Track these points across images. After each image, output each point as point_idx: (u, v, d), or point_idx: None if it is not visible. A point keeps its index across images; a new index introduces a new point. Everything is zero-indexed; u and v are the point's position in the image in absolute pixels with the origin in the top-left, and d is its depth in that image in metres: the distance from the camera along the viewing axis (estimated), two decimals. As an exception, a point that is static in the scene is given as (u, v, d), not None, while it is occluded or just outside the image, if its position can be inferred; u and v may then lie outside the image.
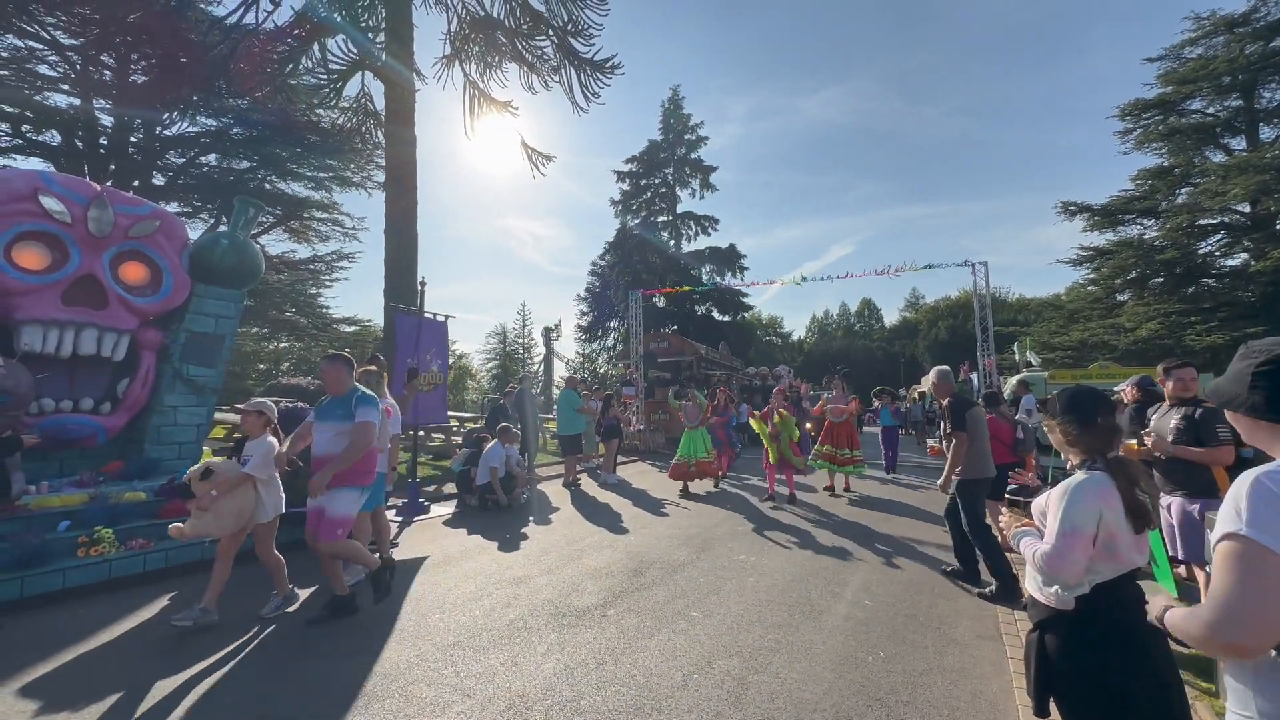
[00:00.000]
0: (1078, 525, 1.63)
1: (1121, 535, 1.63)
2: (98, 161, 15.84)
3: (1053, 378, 15.87)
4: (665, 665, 3.26)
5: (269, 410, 4.18)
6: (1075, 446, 1.81)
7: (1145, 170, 22.46)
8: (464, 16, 14.50)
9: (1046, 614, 1.73)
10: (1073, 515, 1.65)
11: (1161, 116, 22.11)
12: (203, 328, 6.43)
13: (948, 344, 51.31)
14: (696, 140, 36.35)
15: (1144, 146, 22.69)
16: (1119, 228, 23.11)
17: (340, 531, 3.84)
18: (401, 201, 12.88)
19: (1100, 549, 1.63)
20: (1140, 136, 22.62)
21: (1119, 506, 1.64)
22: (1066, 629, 1.68)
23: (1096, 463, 1.74)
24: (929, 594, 4.46)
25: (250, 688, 3.00)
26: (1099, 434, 1.77)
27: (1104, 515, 1.63)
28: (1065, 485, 1.73)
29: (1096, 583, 1.65)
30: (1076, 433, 1.80)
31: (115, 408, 5.84)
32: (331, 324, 23.29)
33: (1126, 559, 1.65)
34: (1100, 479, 1.69)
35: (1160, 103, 21.86)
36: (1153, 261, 21.46)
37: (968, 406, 4.70)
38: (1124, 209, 22.72)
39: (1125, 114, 22.65)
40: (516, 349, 54.81)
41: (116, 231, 5.81)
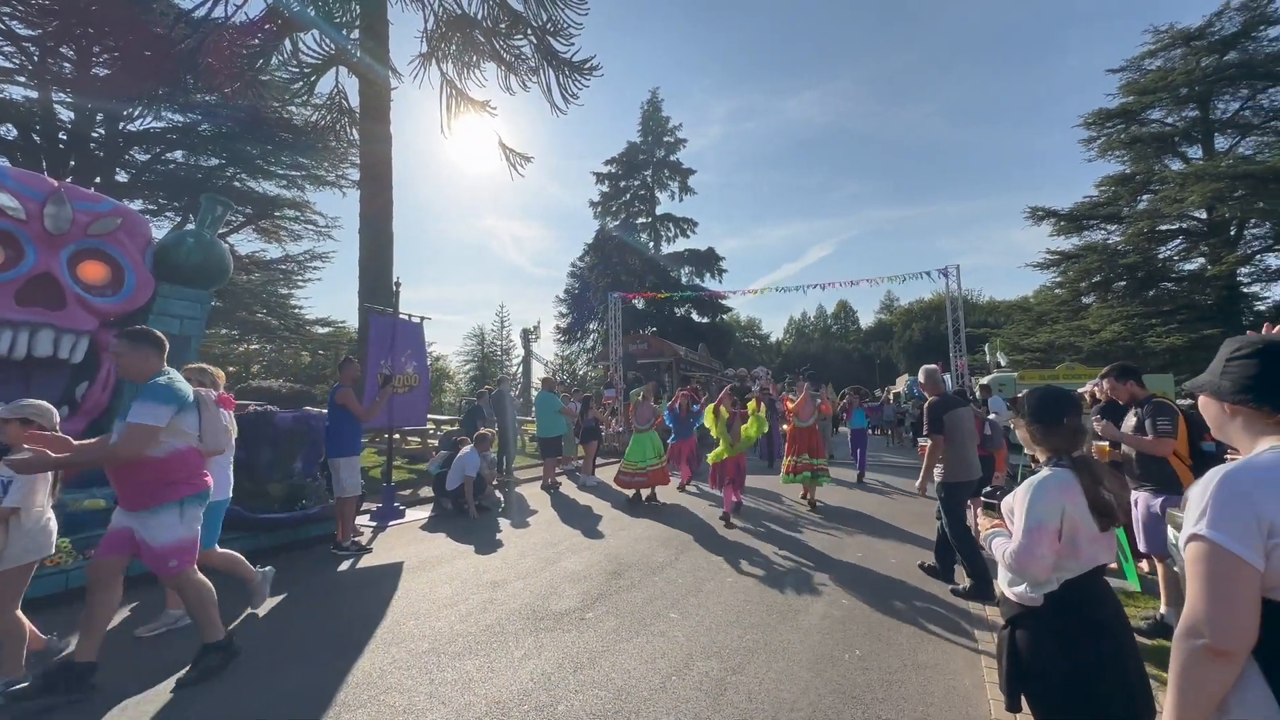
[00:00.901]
0: (1042, 520, 1.67)
1: (1084, 531, 1.67)
2: (57, 156, 15.27)
3: (1022, 378, 16.27)
4: (643, 668, 3.24)
5: (43, 416, 3.08)
6: (1041, 445, 1.86)
7: (1109, 177, 23.22)
8: (441, 14, 14.34)
9: (1017, 610, 1.77)
10: (1037, 510, 1.69)
11: (1123, 125, 22.89)
12: (167, 329, 6.21)
13: (922, 345, 52.33)
14: (676, 143, 36.53)
15: (1107, 154, 23.46)
16: (1084, 232, 23.85)
17: (175, 563, 3.07)
18: (376, 201, 12.68)
19: (1065, 544, 1.67)
20: (1104, 144, 23.39)
21: (1082, 502, 1.68)
22: (1036, 625, 1.71)
23: (1061, 460, 1.78)
24: (904, 591, 4.52)
25: (220, 698, 2.91)
26: (1064, 434, 1.81)
27: (1066, 510, 1.67)
28: (1029, 482, 1.77)
29: (1065, 579, 1.68)
30: (1041, 433, 1.84)
31: (74, 412, 5.61)
32: (304, 325, 22.77)
33: (1091, 555, 1.68)
34: (1063, 475, 1.73)
35: (1122, 112, 22.63)
36: (1116, 265, 22.18)
37: (948, 408, 4.68)
38: (1089, 214, 23.45)
39: (1090, 122, 23.39)
40: (495, 351, 54.34)
41: (75, 229, 5.60)
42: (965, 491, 4.64)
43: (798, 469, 7.79)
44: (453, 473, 7.52)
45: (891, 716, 2.79)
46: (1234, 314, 20.15)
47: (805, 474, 7.76)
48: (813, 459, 7.78)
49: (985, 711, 2.81)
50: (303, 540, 5.83)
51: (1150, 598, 4.07)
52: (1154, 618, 3.68)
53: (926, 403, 4.82)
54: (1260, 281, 20.90)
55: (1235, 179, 18.33)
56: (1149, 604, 4.01)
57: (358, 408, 5.72)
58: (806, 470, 7.76)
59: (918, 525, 6.75)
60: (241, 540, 5.36)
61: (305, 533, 5.85)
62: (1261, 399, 1.14)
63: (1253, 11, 19.72)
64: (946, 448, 4.62)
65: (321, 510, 5.69)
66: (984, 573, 4.32)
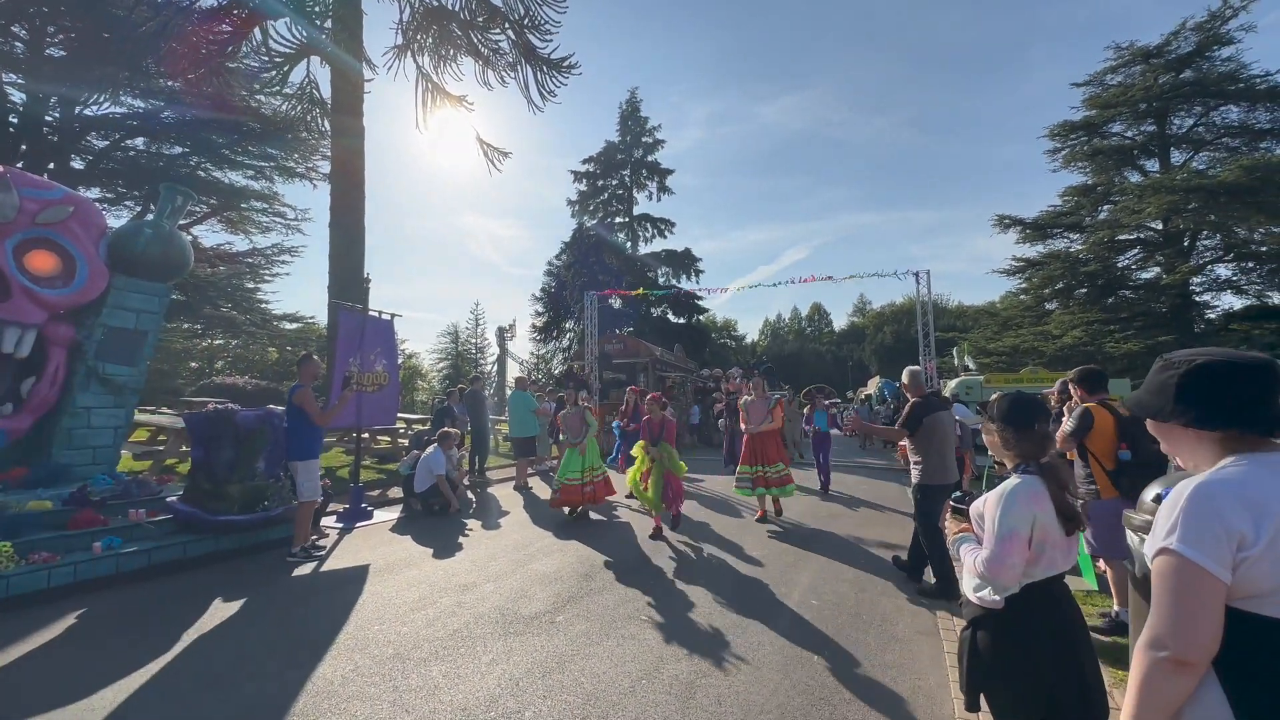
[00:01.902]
0: (1014, 528, 1.69)
1: (1052, 537, 1.69)
2: (6, 141, 14.57)
3: (988, 381, 16.71)
4: (613, 671, 3.22)
5: None
6: (1010, 451, 1.87)
7: (1071, 188, 24.02)
8: (417, 6, 14.09)
9: (979, 612, 1.79)
10: (1009, 519, 1.70)
11: (1086, 138, 23.68)
12: (122, 323, 5.98)
13: (893, 348, 53.42)
14: (654, 143, 36.56)
15: (1071, 165, 24.26)
16: (1048, 240, 24.62)
17: None
18: (348, 195, 12.40)
19: (1034, 551, 1.70)
20: (1067, 155, 24.17)
21: (1050, 509, 1.70)
22: (997, 627, 1.74)
23: (1029, 467, 1.80)
24: (872, 592, 4.58)
25: (171, 710, 2.79)
26: (1034, 440, 1.82)
27: (1037, 518, 1.69)
28: (1000, 490, 1.79)
29: (1026, 583, 1.71)
30: (1013, 438, 1.85)
31: (18, 408, 5.36)
32: (271, 320, 22.20)
33: (1052, 561, 1.71)
34: (1032, 483, 1.75)
35: (1085, 125, 23.41)
36: (1077, 273, 22.94)
37: (929, 410, 4.69)
38: (1052, 223, 24.21)
39: (1054, 134, 24.14)
40: (470, 349, 53.71)
41: (22, 217, 5.34)
42: (942, 494, 4.66)
43: (754, 481, 6.82)
44: (419, 474, 7.38)
45: (859, 717, 2.81)
46: (1186, 321, 21.00)
47: (761, 488, 6.78)
48: (769, 467, 6.80)
49: (949, 711, 2.85)
50: (265, 543, 5.65)
51: (1106, 596, 4.20)
52: (1111, 616, 3.80)
53: (910, 402, 4.86)
54: (1211, 291, 21.84)
55: (1189, 192, 19.10)
56: (1105, 602, 4.14)
57: (315, 410, 5.51)
58: (763, 483, 6.78)
59: (888, 531, 6.86)
60: (200, 544, 5.18)
61: (267, 535, 5.67)
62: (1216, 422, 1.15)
63: (1207, 33, 20.59)
64: (925, 450, 4.65)
65: (284, 512, 5.52)
66: (950, 573, 4.39)
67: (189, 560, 5.07)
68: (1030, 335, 23.91)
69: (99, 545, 4.62)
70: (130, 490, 5.55)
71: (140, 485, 5.75)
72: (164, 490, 5.86)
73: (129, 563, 4.70)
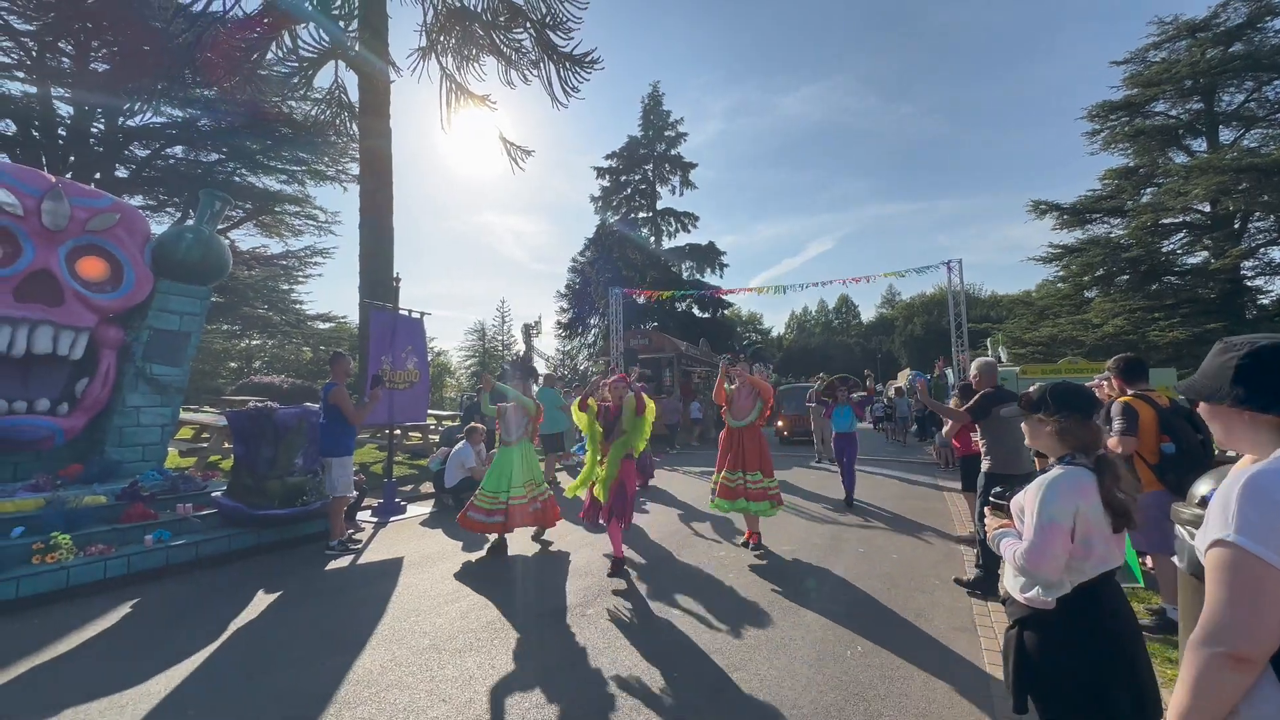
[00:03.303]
0: (1055, 518, 1.63)
1: (1098, 531, 1.63)
2: (56, 152, 15.22)
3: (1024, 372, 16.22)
4: (642, 665, 3.23)
5: None
6: (1062, 441, 1.78)
7: (1112, 170, 23.07)
8: (440, 8, 14.25)
9: (1025, 612, 1.74)
10: (1049, 508, 1.65)
11: (1127, 118, 22.71)
12: (166, 325, 6.22)
13: (923, 340, 52.25)
14: (676, 137, 36.32)
15: (1111, 147, 23.29)
16: (1087, 226, 23.71)
17: None
18: (376, 195, 12.64)
19: (1078, 544, 1.64)
20: (1107, 138, 23.21)
21: (1097, 503, 1.64)
22: (1046, 628, 1.68)
23: (1076, 458, 1.73)
24: (905, 587, 4.51)
25: (219, 696, 2.90)
26: (1090, 431, 1.75)
27: (1080, 509, 1.63)
28: (1041, 480, 1.73)
29: (1078, 582, 1.65)
30: (1076, 426, 1.76)
31: (73, 408, 5.61)
32: (305, 320, 22.80)
33: (1104, 556, 1.65)
34: (1078, 473, 1.68)
35: (1126, 105, 22.45)
36: (1119, 259, 22.06)
37: (1002, 400, 4.56)
38: (1091, 208, 23.31)
39: (1093, 115, 23.21)
40: (496, 346, 54.36)
41: (73, 225, 5.58)
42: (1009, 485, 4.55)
43: (733, 491, 5.45)
44: (450, 469, 7.51)
45: (894, 714, 2.77)
46: (1237, 308, 20.05)
47: (741, 500, 5.40)
48: (748, 474, 5.44)
49: (989, 709, 2.79)
50: (303, 536, 5.83)
51: (1153, 592, 4.06)
52: (1159, 612, 3.67)
53: (980, 391, 4.72)
54: (1264, 275, 20.78)
55: (1239, 172, 18.19)
56: (1152, 599, 4.00)
57: (349, 408, 5.66)
58: (743, 496, 5.40)
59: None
60: (243, 537, 5.37)
61: (305, 529, 5.85)
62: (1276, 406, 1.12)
63: (1258, 3, 19.53)
64: (996, 439, 4.53)
65: (322, 506, 5.68)
66: (995, 567, 4.30)
67: (233, 553, 5.26)
68: (1068, 324, 23.10)
69: (150, 538, 4.83)
70: (178, 486, 5.78)
71: (186, 481, 5.98)
72: (208, 486, 6.09)
73: (178, 555, 4.90)
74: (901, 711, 2.79)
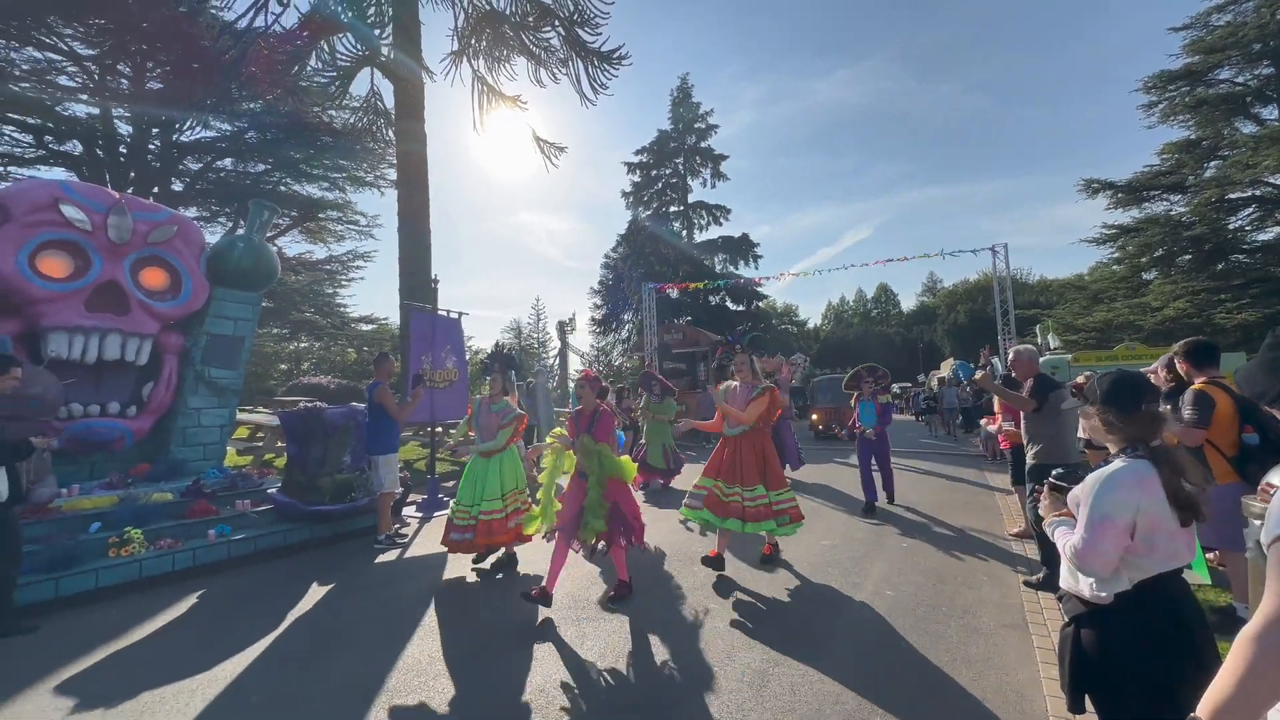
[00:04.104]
0: (1109, 514, 1.56)
1: (1163, 528, 1.54)
2: (118, 169, 16.14)
3: (1076, 360, 15.53)
4: (684, 658, 3.25)
5: None
6: (1115, 434, 1.71)
7: (1171, 144, 21.75)
8: (470, 11, 14.46)
9: (1083, 608, 1.67)
10: (1104, 504, 1.58)
11: (1188, 88, 21.35)
12: (222, 330, 6.53)
13: (967, 328, 50.51)
14: (707, 129, 35.99)
15: (1170, 119, 21.94)
16: (1144, 204, 22.44)
17: None
18: (414, 199, 12.94)
19: (1140, 541, 1.56)
20: (1166, 109, 21.88)
21: (1160, 496, 1.55)
22: (1106, 626, 1.61)
23: (1137, 450, 1.64)
24: (952, 583, 4.39)
25: (280, 683, 3.06)
26: (1142, 421, 1.66)
27: (1142, 505, 1.55)
28: (1098, 474, 1.65)
29: (1139, 579, 1.57)
30: (1117, 420, 1.69)
31: (140, 411, 5.96)
32: (349, 323, 23.60)
33: (1170, 553, 1.56)
34: (1139, 467, 1.60)
35: (1186, 73, 21.10)
36: (1180, 238, 20.83)
37: (1053, 386, 4.42)
38: (1149, 185, 22.04)
39: (1150, 86, 21.91)
40: (532, 343, 55.13)
41: (136, 238, 5.91)
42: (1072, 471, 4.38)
43: (724, 508, 4.42)
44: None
45: (941, 710, 2.71)
46: (1314, 286, 18.69)
47: (734, 520, 4.38)
48: (745, 489, 4.45)
49: (1041, 709, 2.70)
50: (352, 531, 6.06)
51: (1222, 590, 3.85)
52: (1227, 611, 3.48)
53: (1031, 379, 4.53)
54: (1344, 250, 19.31)
55: (1316, 140, 16.92)
56: (1220, 597, 3.79)
57: (394, 407, 5.83)
58: (738, 515, 4.38)
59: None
60: (297, 531, 5.61)
61: (354, 524, 6.07)
62: None
63: (1336, -45, 18.06)
64: (1045, 428, 4.36)
65: (370, 502, 5.89)
66: (1057, 563, 4.13)
67: (288, 547, 5.51)
68: (1125, 309, 21.96)
69: (213, 533, 5.10)
70: (236, 483, 6.08)
71: (244, 478, 6.28)
72: (264, 483, 6.38)
73: (238, 549, 5.16)
74: (949, 708, 2.73)
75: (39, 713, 2.79)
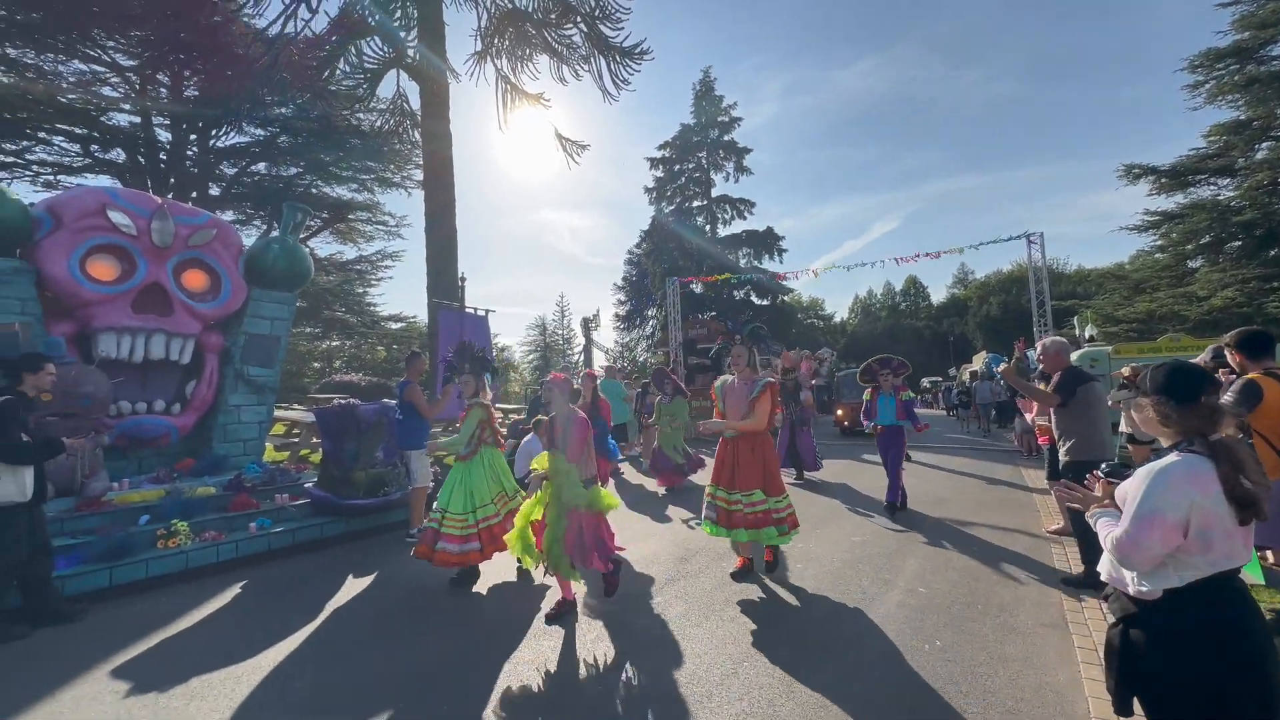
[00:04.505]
0: (1158, 509, 1.50)
1: (1219, 526, 1.47)
2: (159, 175, 16.74)
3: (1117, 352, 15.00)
4: (714, 653, 3.25)
5: None
6: (1170, 427, 1.64)
7: (1219, 125, 20.76)
8: (493, 11, 14.57)
9: (1132, 609, 1.62)
10: (1154, 499, 1.51)
11: (1237, 66, 20.35)
12: (259, 330, 6.74)
13: (1000, 320, 49.17)
14: (730, 122, 35.67)
15: (1217, 100, 20.95)
16: (1189, 189, 21.50)
17: None
18: (439, 197, 13.13)
19: (1193, 539, 1.50)
20: (1213, 89, 20.89)
21: (1217, 493, 1.48)
22: (1156, 626, 1.55)
23: (1194, 444, 1.57)
24: (987, 581, 4.30)
25: (321, 670, 3.15)
26: (1200, 414, 1.59)
27: (1197, 502, 1.48)
28: (1150, 467, 1.59)
29: (1192, 579, 1.51)
30: (1174, 413, 1.62)
31: (185, 408, 6.19)
32: (379, 321, 24.12)
33: (1227, 553, 1.50)
34: (1195, 462, 1.53)
35: (1236, 51, 20.11)
36: (1229, 224, 19.91)
37: (1084, 379, 4.30)
38: (1195, 169, 21.11)
39: (1195, 66, 20.94)
40: (557, 340, 55.56)
41: (177, 241, 6.13)
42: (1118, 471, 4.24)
43: (730, 518, 4.19)
44: (519, 461, 7.75)
45: (977, 710, 2.66)
46: (1376, 273, 17.70)
47: (741, 530, 4.16)
48: (745, 494, 4.19)
49: (1083, 710, 2.63)
50: (386, 525, 6.20)
51: (1276, 590, 3.69)
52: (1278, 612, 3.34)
53: (1060, 372, 4.44)
54: None
55: (1379, 117, 15.98)
56: (1275, 597, 3.63)
57: (424, 405, 5.92)
58: (744, 524, 4.14)
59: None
60: (333, 525, 5.77)
61: (389, 517, 6.21)
62: None
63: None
64: (1077, 423, 4.25)
65: (403, 496, 6.02)
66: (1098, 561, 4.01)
67: (325, 540, 5.67)
68: (1169, 298, 21.09)
69: (254, 526, 5.27)
70: (275, 478, 6.28)
71: (282, 473, 6.48)
72: (301, 477, 6.57)
73: (278, 541, 5.32)
74: (986, 707, 2.67)
75: (97, 696, 2.93)
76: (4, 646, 3.47)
